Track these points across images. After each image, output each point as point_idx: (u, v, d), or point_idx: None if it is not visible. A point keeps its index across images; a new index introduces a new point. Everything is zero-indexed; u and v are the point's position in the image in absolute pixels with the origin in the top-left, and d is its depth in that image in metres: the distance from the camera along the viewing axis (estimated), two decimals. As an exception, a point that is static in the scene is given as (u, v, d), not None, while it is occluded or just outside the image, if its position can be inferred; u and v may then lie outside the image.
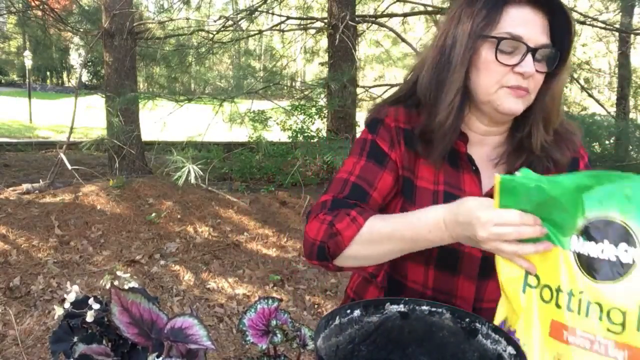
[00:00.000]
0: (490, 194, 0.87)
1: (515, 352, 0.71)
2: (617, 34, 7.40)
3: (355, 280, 1.10)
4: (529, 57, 0.84)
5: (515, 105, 0.87)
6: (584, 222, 0.64)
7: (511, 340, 0.72)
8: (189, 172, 3.86)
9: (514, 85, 0.85)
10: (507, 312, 0.75)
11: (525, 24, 0.84)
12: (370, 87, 6.91)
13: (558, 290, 0.65)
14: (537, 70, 0.85)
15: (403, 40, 6.29)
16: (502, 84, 0.86)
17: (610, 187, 0.62)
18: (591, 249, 0.63)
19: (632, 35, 7.15)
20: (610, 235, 0.62)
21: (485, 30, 0.85)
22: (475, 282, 0.92)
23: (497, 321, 0.76)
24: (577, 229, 0.64)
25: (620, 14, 6.72)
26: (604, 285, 0.62)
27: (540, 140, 0.91)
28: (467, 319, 0.77)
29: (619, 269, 0.61)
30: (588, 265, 0.63)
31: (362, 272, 1.04)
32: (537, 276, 0.69)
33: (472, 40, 0.86)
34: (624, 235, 0.61)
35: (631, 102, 8.24)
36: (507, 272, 0.72)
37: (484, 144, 0.96)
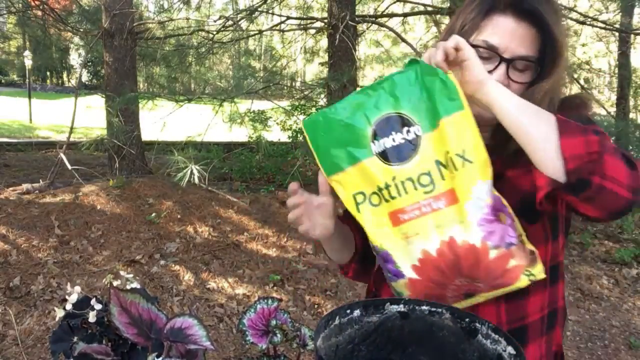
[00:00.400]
0: None
1: (515, 352, 0.71)
2: (617, 34, 7.39)
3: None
4: (502, 67, 0.85)
5: (482, 112, 0.86)
6: (373, 128, 0.77)
7: (511, 341, 0.73)
8: (191, 172, 3.86)
9: None
10: (370, 239, 0.83)
11: (504, 34, 0.85)
12: (370, 87, 6.90)
13: (380, 189, 0.77)
14: (514, 80, 0.86)
15: (403, 40, 6.28)
16: None
17: (377, 93, 0.77)
18: (386, 143, 0.76)
19: (632, 35, 7.15)
20: (393, 126, 0.76)
21: (467, 34, 0.88)
22: None
23: (375, 247, 0.84)
24: (370, 136, 0.77)
25: (620, 14, 6.72)
26: (406, 163, 0.75)
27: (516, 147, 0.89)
28: (467, 319, 0.77)
29: (411, 146, 0.75)
30: (390, 156, 0.76)
31: None
32: (362, 193, 0.79)
33: None
34: (402, 121, 0.76)
35: (631, 102, 8.24)
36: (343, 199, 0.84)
37: None
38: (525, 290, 0.90)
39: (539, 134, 0.75)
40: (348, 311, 0.78)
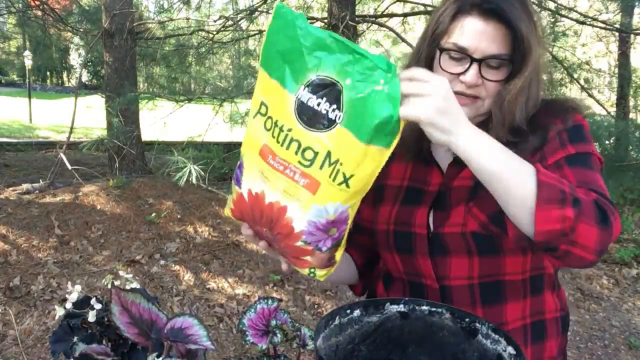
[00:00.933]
0: (449, 178, 0.95)
1: (515, 352, 0.71)
2: (617, 34, 7.39)
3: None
4: (474, 67, 0.86)
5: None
6: (314, 77, 0.74)
7: (511, 341, 0.73)
8: (190, 172, 3.86)
9: (457, 91, 0.86)
10: (243, 143, 0.87)
11: (473, 35, 0.86)
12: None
13: (277, 124, 0.77)
14: (487, 79, 0.87)
15: (403, 40, 6.28)
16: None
17: (349, 57, 0.73)
18: (311, 100, 0.74)
19: (632, 35, 7.14)
20: (329, 95, 0.74)
21: (438, 38, 0.90)
22: (429, 259, 0.95)
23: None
24: (307, 81, 0.75)
25: (620, 14, 6.72)
26: (308, 131, 0.75)
27: (494, 132, 0.88)
28: (467, 319, 0.77)
29: (325, 123, 0.74)
30: (303, 112, 0.75)
31: None
32: (266, 107, 0.80)
33: (428, 46, 0.92)
34: (337, 99, 0.73)
35: (631, 102, 8.24)
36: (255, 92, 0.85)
37: None
38: (501, 296, 0.93)
39: (515, 195, 0.73)
40: (348, 311, 0.79)
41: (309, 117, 0.74)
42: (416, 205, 0.97)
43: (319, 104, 0.74)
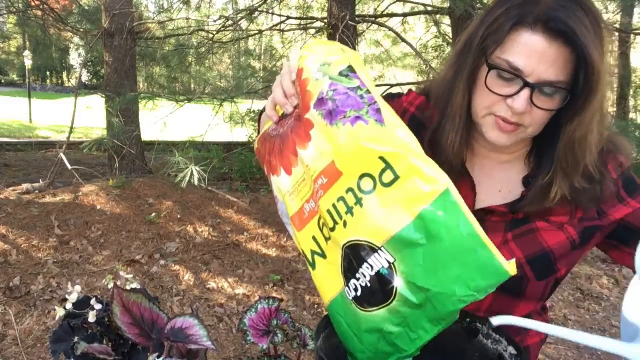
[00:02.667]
0: (486, 211, 0.85)
1: (516, 353, 0.71)
2: (617, 34, 7.40)
3: None
4: (525, 92, 0.73)
5: (498, 139, 0.79)
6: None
7: (512, 341, 0.73)
8: (191, 173, 3.86)
9: (501, 117, 0.77)
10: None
11: (531, 54, 0.71)
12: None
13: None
14: (538, 107, 0.74)
15: (403, 40, 6.28)
16: (491, 111, 0.78)
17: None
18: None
19: (632, 35, 7.15)
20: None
21: (488, 48, 0.76)
22: None
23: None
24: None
25: (620, 14, 6.72)
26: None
27: (559, 193, 0.79)
28: (468, 319, 0.77)
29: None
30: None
31: None
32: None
33: (476, 56, 0.78)
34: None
35: (631, 102, 8.24)
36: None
37: (488, 157, 0.89)
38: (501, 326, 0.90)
39: None
40: (349, 311, 0.78)
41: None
42: None
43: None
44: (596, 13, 0.71)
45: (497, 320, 0.67)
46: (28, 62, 16.19)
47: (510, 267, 0.56)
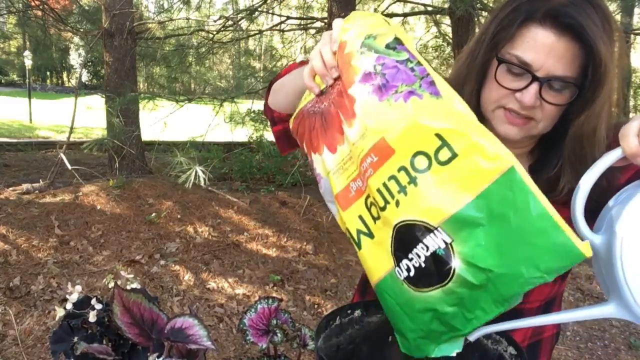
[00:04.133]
0: None
1: (516, 353, 0.71)
2: (621, 33, 7.40)
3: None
4: (534, 87, 0.74)
5: (508, 132, 0.80)
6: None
7: (512, 341, 0.73)
8: (195, 173, 3.87)
9: (511, 109, 0.78)
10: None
11: (540, 49, 0.73)
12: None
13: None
14: (547, 101, 0.76)
15: (403, 40, 6.26)
16: (500, 104, 0.79)
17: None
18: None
19: (632, 35, 7.15)
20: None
21: (498, 44, 0.77)
22: None
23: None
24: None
25: (620, 14, 6.73)
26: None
27: (567, 187, 0.80)
28: (468, 319, 0.77)
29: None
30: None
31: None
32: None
33: (486, 51, 0.79)
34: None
35: (631, 102, 8.24)
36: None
37: None
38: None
39: None
40: (349, 311, 0.78)
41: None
42: None
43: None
44: (605, 10, 0.72)
45: (472, 336, 0.67)
46: (28, 62, 16.18)
47: (585, 249, 0.53)
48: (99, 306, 0.80)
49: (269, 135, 6.46)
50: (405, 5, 7.41)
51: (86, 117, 6.29)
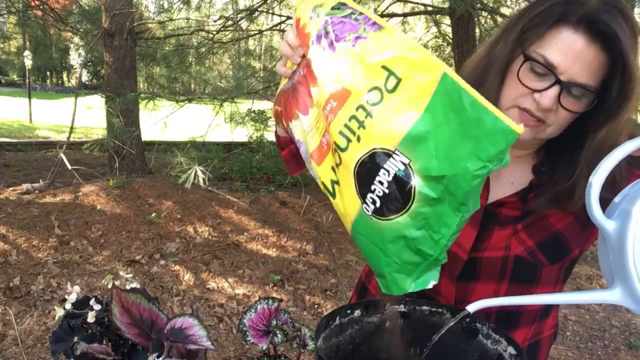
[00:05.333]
0: (497, 204, 0.87)
1: (516, 352, 0.71)
2: None
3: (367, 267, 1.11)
4: (554, 89, 0.73)
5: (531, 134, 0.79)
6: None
7: (512, 341, 0.73)
8: (195, 173, 3.87)
9: (526, 109, 0.77)
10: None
11: (568, 53, 0.72)
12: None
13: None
14: (564, 107, 0.75)
15: (403, 40, 6.26)
16: (516, 103, 0.79)
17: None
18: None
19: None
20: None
21: (526, 41, 0.76)
22: (455, 284, 0.89)
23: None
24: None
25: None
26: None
27: (582, 198, 0.78)
28: (468, 319, 0.77)
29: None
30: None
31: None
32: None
33: (512, 46, 0.79)
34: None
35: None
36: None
37: None
38: (513, 323, 0.90)
39: None
40: (349, 311, 0.78)
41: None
42: None
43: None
44: (634, 22, 0.72)
45: (472, 307, 0.68)
46: (28, 62, 16.19)
47: (517, 127, 0.54)
48: (98, 306, 0.80)
49: (269, 135, 6.46)
50: (405, 5, 7.41)
51: (86, 117, 6.30)
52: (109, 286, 0.81)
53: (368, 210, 0.66)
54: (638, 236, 0.58)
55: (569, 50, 0.72)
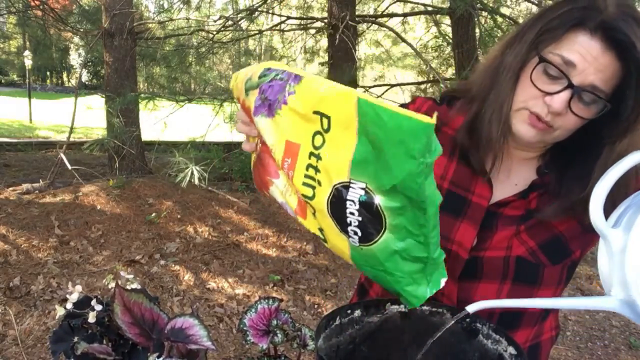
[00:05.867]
0: (499, 204, 0.87)
1: (516, 353, 0.71)
2: None
3: None
4: (566, 93, 0.74)
5: (526, 133, 0.80)
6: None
7: (512, 341, 0.73)
8: (191, 173, 3.87)
9: (534, 112, 0.77)
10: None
11: (585, 55, 0.72)
12: (370, 87, 6.91)
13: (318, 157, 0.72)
14: (574, 112, 0.75)
15: (403, 40, 6.28)
16: (526, 105, 0.79)
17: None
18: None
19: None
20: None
21: (542, 43, 0.76)
22: (457, 284, 0.89)
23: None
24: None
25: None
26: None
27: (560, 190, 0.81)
28: (468, 319, 0.77)
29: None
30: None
31: None
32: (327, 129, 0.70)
33: (528, 47, 0.78)
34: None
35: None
36: None
37: (510, 153, 0.89)
38: (515, 324, 0.91)
39: None
40: (349, 311, 0.79)
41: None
42: (456, 216, 0.88)
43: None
44: None
45: (472, 307, 0.68)
46: (28, 62, 16.19)
47: (428, 119, 0.57)
48: (98, 307, 0.80)
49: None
50: (405, 5, 7.41)
51: (86, 117, 6.29)
52: (110, 286, 0.81)
53: (355, 242, 0.70)
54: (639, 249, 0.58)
55: (584, 53, 0.72)
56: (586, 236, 0.86)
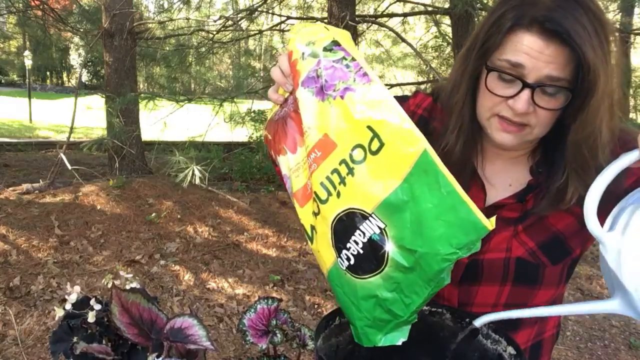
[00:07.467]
0: (494, 206, 0.87)
1: (515, 352, 0.71)
2: (617, 33, 7.40)
3: None
4: (525, 93, 0.73)
5: (504, 139, 0.79)
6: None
7: (512, 341, 0.73)
8: (192, 173, 3.87)
9: (505, 117, 0.77)
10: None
11: (530, 53, 0.72)
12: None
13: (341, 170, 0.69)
14: (541, 106, 0.74)
15: (403, 40, 6.28)
16: (494, 112, 0.78)
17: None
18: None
19: (632, 35, 7.15)
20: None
21: (487, 53, 0.76)
22: (458, 287, 0.89)
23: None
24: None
25: (620, 14, 6.73)
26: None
27: (574, 195, 0.78)
28: (467, 319, 0.77)
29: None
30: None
31: None
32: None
33: (475, 61, 0.79)
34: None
35: (631, 102, 8.24)
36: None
37: (499, 155, 0.89)
38: (517, 324, 0.90)
39: None
40: (348, 311, 0.78)
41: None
42: None
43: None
44: (596, 11, 0.71)
45: (479, 322, 0.68)
46: (28, 62, 16.18)
47: (489, 223, 0.57)
48: (98, 306, 0.80)
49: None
50: (405, 5, 7.42)
51: (86, 117, 6.29)
52: (109, 286, 0.81)
53: (342, 265, 0.68)
54: (634, 251, 0.59)
55: (529, 50, 0.72)
56: (585, 232, 0.84)
